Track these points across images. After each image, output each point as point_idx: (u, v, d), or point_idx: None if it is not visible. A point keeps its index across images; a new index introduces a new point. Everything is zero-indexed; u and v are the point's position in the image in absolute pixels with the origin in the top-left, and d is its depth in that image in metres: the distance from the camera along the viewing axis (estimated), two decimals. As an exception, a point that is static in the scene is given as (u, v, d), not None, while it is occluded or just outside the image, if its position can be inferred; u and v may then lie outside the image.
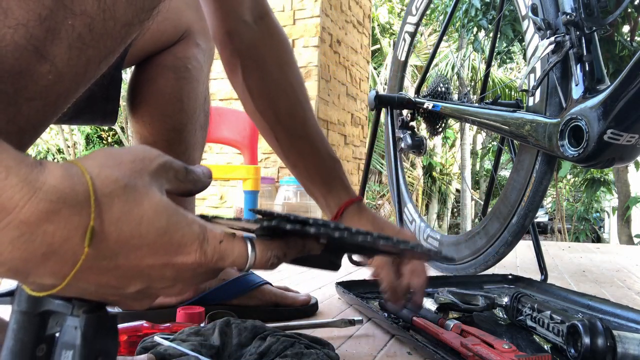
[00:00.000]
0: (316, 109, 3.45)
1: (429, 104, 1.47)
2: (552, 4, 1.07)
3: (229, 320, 0.62)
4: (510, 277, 1.18)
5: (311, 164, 0.74)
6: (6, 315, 0.45)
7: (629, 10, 4.26)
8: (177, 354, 0.54)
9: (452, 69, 8.00)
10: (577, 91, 1.01)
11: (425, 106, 1.48)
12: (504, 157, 2.88)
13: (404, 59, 1.83)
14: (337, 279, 1.20)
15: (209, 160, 3.48)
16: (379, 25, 10.12)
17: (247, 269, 0.34)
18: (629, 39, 4.47)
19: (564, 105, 1.05)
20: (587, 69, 1.00)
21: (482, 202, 1.73)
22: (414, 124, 1.60)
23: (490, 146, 9.13)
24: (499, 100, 1.33)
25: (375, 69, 9.61)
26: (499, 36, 3.47)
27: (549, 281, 1.25)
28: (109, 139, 10.18)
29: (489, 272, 1.30)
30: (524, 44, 1.40)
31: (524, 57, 3.80)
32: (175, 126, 0.79)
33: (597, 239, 10.29)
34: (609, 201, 9.97)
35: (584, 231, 9.92)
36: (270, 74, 0.71)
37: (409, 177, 9.16)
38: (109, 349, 0.32)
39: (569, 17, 1.00)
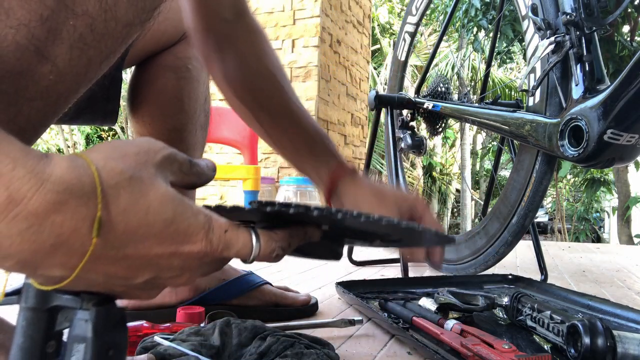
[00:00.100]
0: (316, 109, 3.45)
1: (429, 104, 1.47)
2: (552, 4, 1.07)
3: (229, 320, 0.62)
4: (510, 277, 1.18)
5: (296, 136, 0.72)
6: (6, 315, 0.46)
7: (629, 10, 4.26)
8: (177, 354, 0.54)
9: (452, 69, 8.00)
10: (577, 91, 1.01)
11: (425, 106, 1.48)
12: (504, 157, 2.88)
13: (404, 59, 1.83)
14: (337, 279, 1.20)
15: (209, 160, 3.48)
16: (379, 25, 10.12)
17: (252, 260, 0.34)
18: (629, 39, 4.47)
19: (564, 105, 1.05)
20: (587, 69, 1.00)
21: (482, 202, 1.73)
22: (414, 124, 1.60)
23: (490, 146, 9.14)
24: (499, 100, 1.33)
25: (375, 69, 9.60)
26: (499, 36, 3.48)
27: (549, 281, 1.26)
28: (109, 139, 10.18)
29: (489, 272, 1.30)
30: (524, 44, 1.40)
31: (524, 57, 3.80)
32: (175, 126, 0.79)
33: (597, 239, 10.28)
34: (609, 201, 9.97)
35: (584, 231, 9.91)
36: (248, 64, 0.70)
37: (409, 177, 9.15)
38: (120, 341, 0.32)
39: (569, 17, 1.00)
